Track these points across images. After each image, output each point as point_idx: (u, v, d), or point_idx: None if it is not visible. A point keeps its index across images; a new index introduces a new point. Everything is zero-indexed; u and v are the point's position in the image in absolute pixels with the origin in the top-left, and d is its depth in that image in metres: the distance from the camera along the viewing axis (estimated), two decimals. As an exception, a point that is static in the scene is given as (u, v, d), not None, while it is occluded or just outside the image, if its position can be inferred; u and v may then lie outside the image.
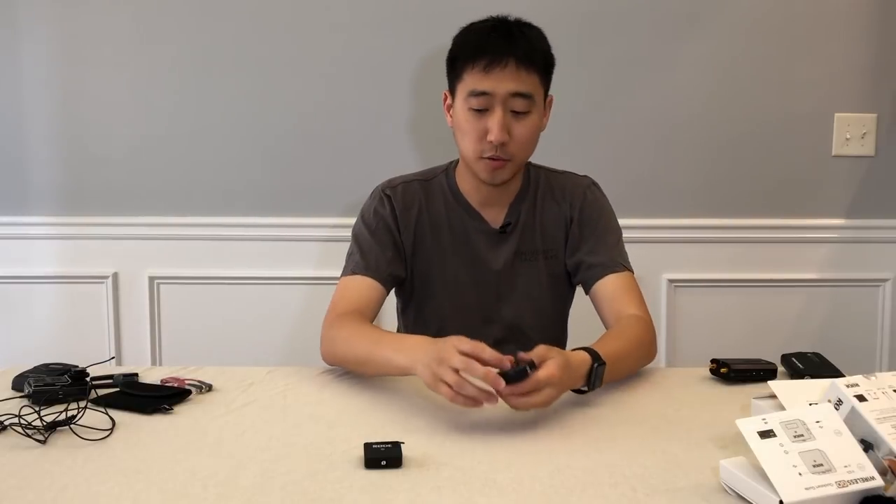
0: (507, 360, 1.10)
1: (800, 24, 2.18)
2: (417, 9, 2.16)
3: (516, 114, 1.39)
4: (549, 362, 1.11)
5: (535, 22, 1.45)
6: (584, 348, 1.23)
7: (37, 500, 0.91)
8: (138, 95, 2.21)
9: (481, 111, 1.39)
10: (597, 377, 1.21)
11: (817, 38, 2.19)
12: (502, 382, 1.07)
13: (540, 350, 1.13)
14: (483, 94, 1.37)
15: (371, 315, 1.45)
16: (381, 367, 1.29)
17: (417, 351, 1.18)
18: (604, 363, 1.21)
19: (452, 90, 1.45)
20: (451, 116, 1.47)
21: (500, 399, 1.09)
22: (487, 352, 1.10)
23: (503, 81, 1.36)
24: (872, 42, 2.19)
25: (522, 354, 1.13)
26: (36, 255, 2.26)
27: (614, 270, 1.47)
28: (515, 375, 1.09)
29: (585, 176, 1.58)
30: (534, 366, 1.10)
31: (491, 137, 1.38)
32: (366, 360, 1.31)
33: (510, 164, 1.43)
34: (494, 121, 1.37)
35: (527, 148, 1.44)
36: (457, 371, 1.08)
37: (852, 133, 2.21)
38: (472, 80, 1.38)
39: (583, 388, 1.22)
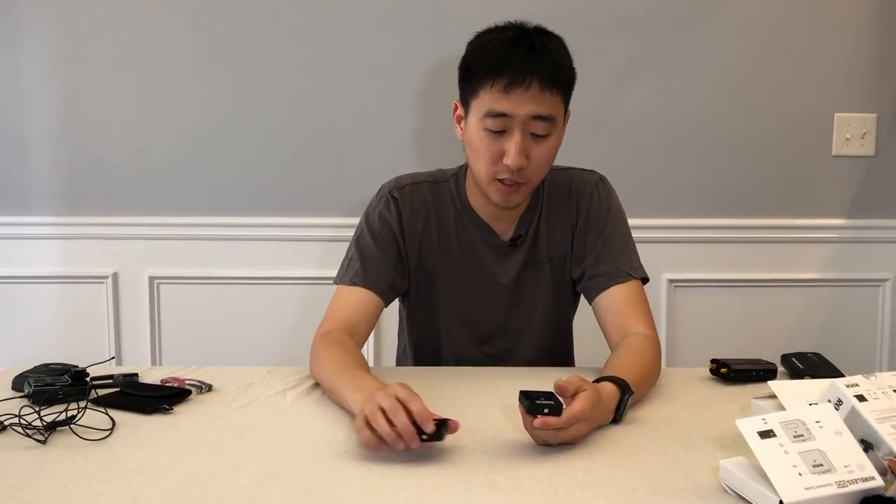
0: (431, 422, 1.00)
1: (800, 24, 2.18)
2: (421, 9, 2.16)
3: (535, 136, 1.31)
4: (581, 396, 1.05)
5: (538, 23, 1.42)
6: (610, 378, 1.16)
7: (37, 500, 0.91)
8: (138, 95, 2.21)
9: (498, 132, 1.31)
10: (626, 408, 1.15)
11: (817, 38, 2.19)
12: (416, 441, 0.99)
13: (574, 380, 1.07)
14: (502, 115, 1.29)
15: (364, 329, 1.41)
16: (338, 398, 1.21)
17: (368, 394, 1.08)
18: (632, 392, 1.15)
19: (465, 103, 1.36)
20: (461, 129, 1.39)
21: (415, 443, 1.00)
22: (416, 403, 1.01)
23: (524, 104, 1.28)
24: (872, 42, 2.19)
25: (561, 382, 1.05)
26: (36, 255, 2.26)
27: (619, 281, 1.41)
28: (542, 407, 1.01)
29: (592, 171, 1.52)
30: (559, 402, 1.03)
31: (508, 161, 1.30)
32: (329, 388, 1.26)
33: (525, 188, 1.36)
34: (512, 144, 1.29)
35: (543, 171, 1.37)
36: (383, 412, 1.01)
37: (852, 133, 2.21)
38: (489, 99, 1.29)
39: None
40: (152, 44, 2.19)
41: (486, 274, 1.48)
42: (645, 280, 1.47)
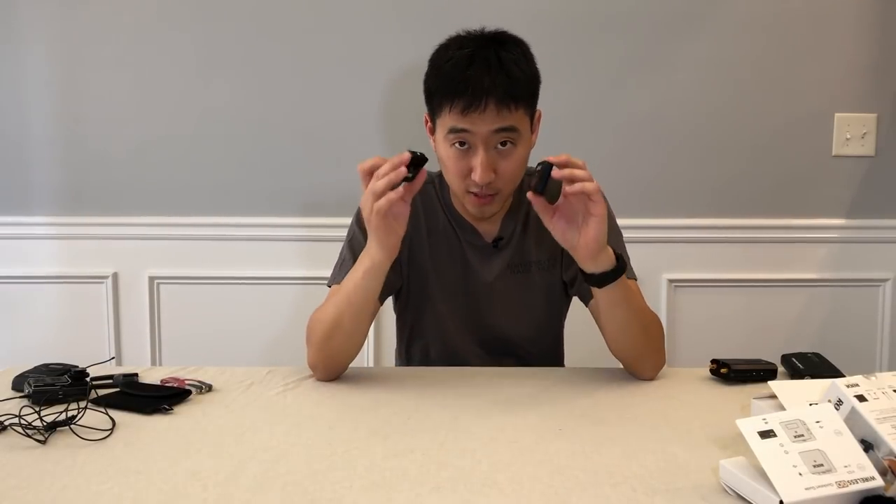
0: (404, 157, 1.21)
1: (800, 24, 2.18)
2: (415, 9, 2.16)
3: (502, 149, 1.32)
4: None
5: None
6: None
7: (37, 500, 0.91)
8: (138, 95, 2.21)
9: (464, 148, 1.33)
10: (621, 267, 1.27)
11: (817, 38, 2.19)
12: (403, 172, 1.21)
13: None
14: (463, 131, 1.31)
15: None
16: (358, 291, 1.32)
17: (371, 242, 1.29)
18: (624, 266, 1.27)
19: (432, 119, 1.39)
20: (434, 142, 1.41)
21: None
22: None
23: (484, 122, 1.29)
24: (872, 42, 2.19)
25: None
26: (36, 255, 2.27)
27: None
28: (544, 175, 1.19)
29: None
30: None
31: (475, 177, 1.31)
32: (340, 308, 1.33)
33: (498, 197, 1.38)
34: (477, 161, 1.31)
35: (514, 181, 1.38)
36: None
37: (852, 133, 2.21)
38: (450, 119, 1.31)
39: (594, 273, 1.27)
40: (152, 44, 2.20)
41: (470, 273, 1.49)
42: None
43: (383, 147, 2.20)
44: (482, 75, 1.29)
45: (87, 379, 1.28)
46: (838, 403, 0.92)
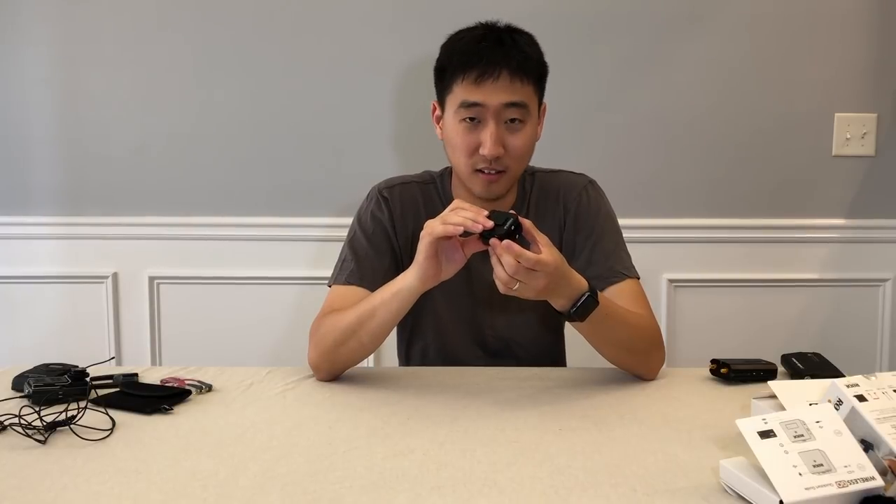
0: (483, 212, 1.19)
1: (800, 24, 2.18)
2: (416, 8, 2.16)
3: (511, 125, 1.35)
4: (548, 249, 1.17)
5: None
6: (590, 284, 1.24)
7: (37, 500, 0.91)
8: (138, 95, 2.21)
9: (473, 123, 1.34)
10: (584, 307, 1.22)
11: (817, 38, 2.19)
12: (488, 222, 1.17)
13: (542, 239, 1.18)
14: (475, 104, 1.33)
15: None
16: (383, 308, 1.29)
17: (412, 266, 1.26)
18: (597, 301, 1.22)
19: (441, 102, 1.41)
20: (440, 129, 1.43)
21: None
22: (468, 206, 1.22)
23: (496, 93, 1.32)
24: (872, 42, 2.19)
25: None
26: (36, 255, 2.26)
27: (612, 282, 1.41)
28: (502, 224, 1.16)
29: (582, 174, 1.53)
30: (520, 226, 1.17)
31: (484, 151, 1.33)
32: (362, 319, 1.30)
33: (505, 177, 1.38)
34: (487, 134, 1.33)
35: (522, 160, 1.39)
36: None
37: (852, 133, 2.21)
38: (462, 92, 1.33)
39: (562, 312, 1.23)
40: (152, 44, 2.19)
41: (471, 272, 1.48)
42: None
43: (384, 147, 2.20)
44: (496, 47, 1.33)
45: (87, 379, 1.29)
46: (838, 403, 0.92)
